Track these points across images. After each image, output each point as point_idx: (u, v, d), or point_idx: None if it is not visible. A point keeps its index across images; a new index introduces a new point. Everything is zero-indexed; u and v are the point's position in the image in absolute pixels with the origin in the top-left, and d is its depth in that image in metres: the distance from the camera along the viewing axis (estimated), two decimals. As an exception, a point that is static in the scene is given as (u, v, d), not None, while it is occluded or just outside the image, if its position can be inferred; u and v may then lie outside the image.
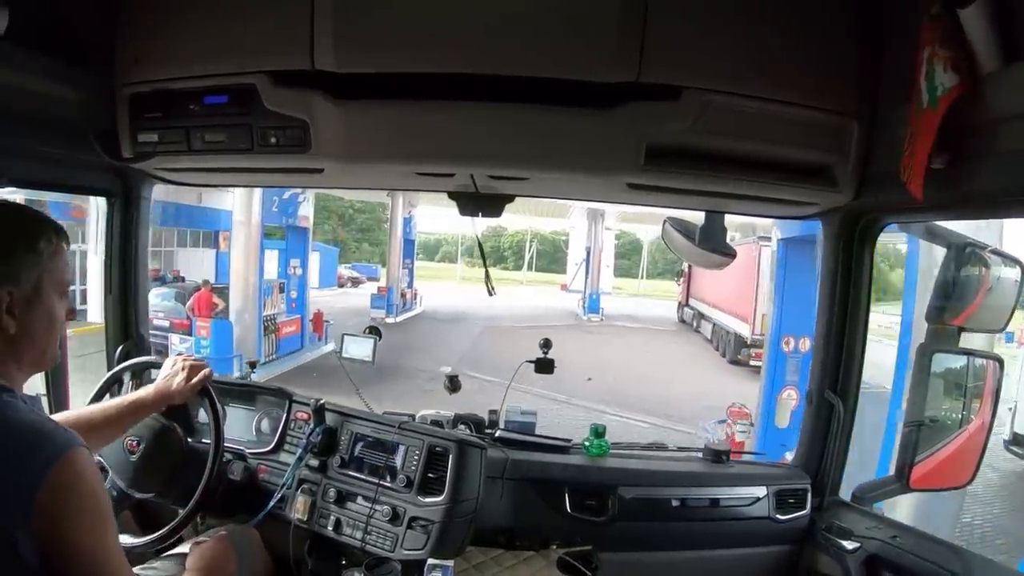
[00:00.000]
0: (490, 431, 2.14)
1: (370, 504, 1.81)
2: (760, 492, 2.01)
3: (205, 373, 1.72)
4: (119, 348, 2.12)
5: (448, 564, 1.68)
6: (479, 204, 1.95)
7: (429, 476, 1.79)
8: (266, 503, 1.88)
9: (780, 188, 1.69)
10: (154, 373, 2.15)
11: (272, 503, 1.88)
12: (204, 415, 1.84)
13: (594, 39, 1.43)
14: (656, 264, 40.80)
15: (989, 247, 1.87)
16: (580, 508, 1.95)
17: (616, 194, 1.85)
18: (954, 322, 1.90)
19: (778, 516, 2.00)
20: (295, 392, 2.10)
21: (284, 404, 2.05)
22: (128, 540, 1.65)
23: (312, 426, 1.94)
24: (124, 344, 2.13)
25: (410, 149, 1.61)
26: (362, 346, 2.15)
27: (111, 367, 2.02)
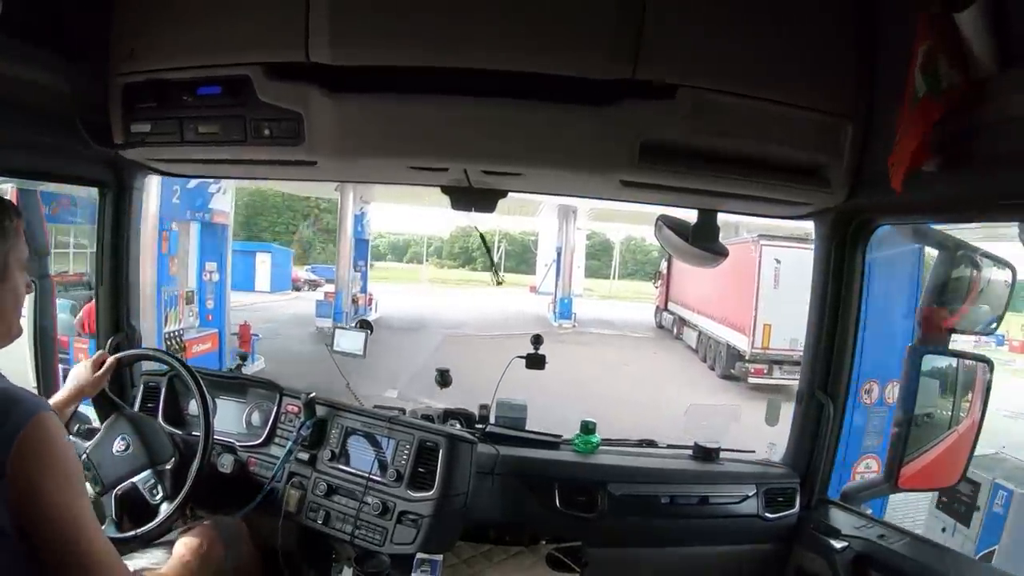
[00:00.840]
0: (480, 426, 2.14)
1: (360, 498, 1.82)
2: (749, 490, 2.02)
3: (109, 363, 1.84)
4: (110, 340, 2.11)
5: (437, 558, 1.69)
6: (472, 199, 1.95)
7: (419, 470, 1.79)
8: (256, 496, 1.88)
9: (773, 187, 1.69)
10: (146, 366, 2.16)
11: (261, 496, 1.88)
12: (195, 407, 1.84)
13: (590, 35, 1.42)
14: (626, 264, 40.08)
15: (980, 250, 1.88)
16: (570, 504, 1.95)
17: (610, 191, 1.85)
18: (945, 324, 1.91)
19: (767, 514, 2.01)
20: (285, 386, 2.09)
21: (275, 397, 2.05)
22: (117, 532, 1.66)
23: (303, 419, 1.94)
24: (115, 336, 2.12)
25: (404, 143, 1.61)
26: (353, 340, 2.14)
27: None
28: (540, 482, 1.97)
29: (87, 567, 1.08)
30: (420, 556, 1.69)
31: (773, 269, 12.13)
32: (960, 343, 2.01)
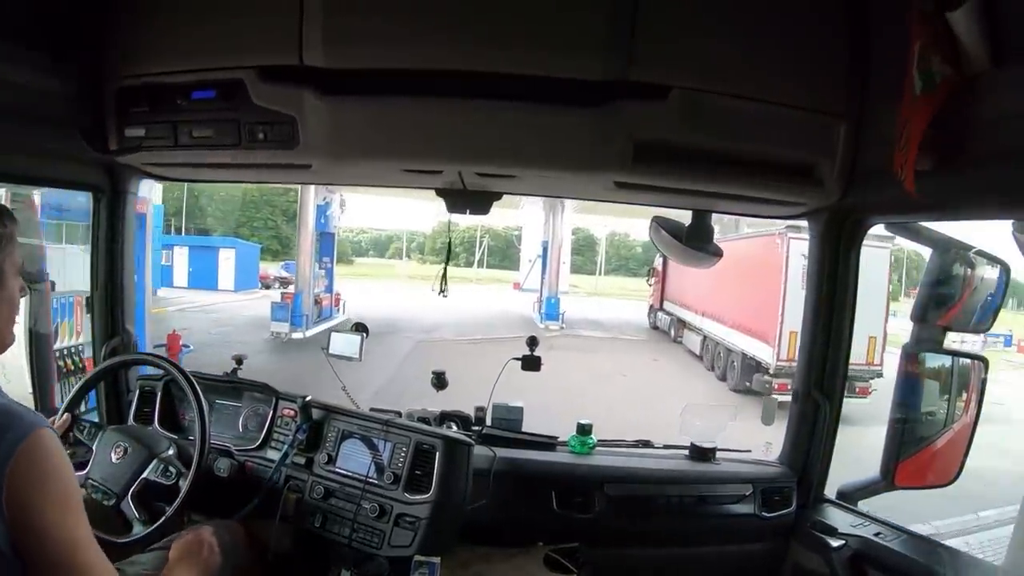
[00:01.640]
0: (477, 428, 2.14)
1: (357, 501, 1.81)
2: (746, 490, 2.03)
3: (63, 419, 1.79)
4: (105, 345, 2.11)
5: (435, 561, 1.68)
6: (467, 201, 1.95)
7: (416, 473, 1.79)
8: (252, 499, 1.87)
9: (767, 187, 1.70)
10: (141, 370, 2.16)
11: (258, 499, 1.87)
12: (191, 412, 1.83)
13: (583, 37, 1.43)
14: (611, 260, 39.43)
15: (974, 248, 1.88)
16: (566, 505, 1.95)
17: (604, 192, 1.85)
18: (939, 323, 1.91)
19: (764, 513, 2.01)
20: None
21: (271, 401, 2.04)
22: (145, 530, 1.68)
23: (299, 423, 1.94)
24: (110, 341, 2.12)
25: (398, 146, 1.61)
26: (349, 343, 2.14)
27: (98, 363, 2.01)
28: (537, 484, 1.97)
29: None
30: (418, 558, 1.69)
31: (803, 267, 9.51)
32: (969, 345, 2.01)
